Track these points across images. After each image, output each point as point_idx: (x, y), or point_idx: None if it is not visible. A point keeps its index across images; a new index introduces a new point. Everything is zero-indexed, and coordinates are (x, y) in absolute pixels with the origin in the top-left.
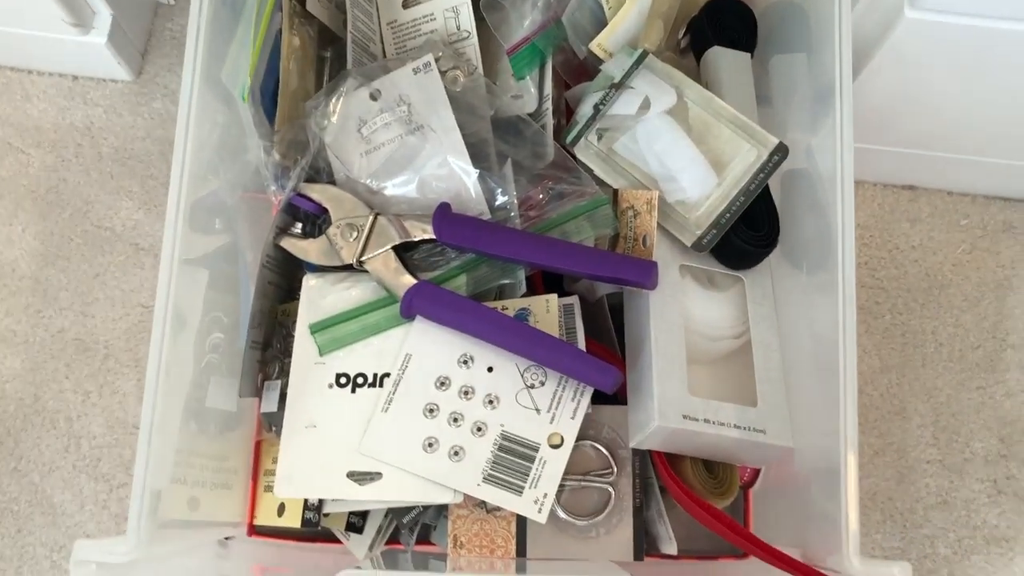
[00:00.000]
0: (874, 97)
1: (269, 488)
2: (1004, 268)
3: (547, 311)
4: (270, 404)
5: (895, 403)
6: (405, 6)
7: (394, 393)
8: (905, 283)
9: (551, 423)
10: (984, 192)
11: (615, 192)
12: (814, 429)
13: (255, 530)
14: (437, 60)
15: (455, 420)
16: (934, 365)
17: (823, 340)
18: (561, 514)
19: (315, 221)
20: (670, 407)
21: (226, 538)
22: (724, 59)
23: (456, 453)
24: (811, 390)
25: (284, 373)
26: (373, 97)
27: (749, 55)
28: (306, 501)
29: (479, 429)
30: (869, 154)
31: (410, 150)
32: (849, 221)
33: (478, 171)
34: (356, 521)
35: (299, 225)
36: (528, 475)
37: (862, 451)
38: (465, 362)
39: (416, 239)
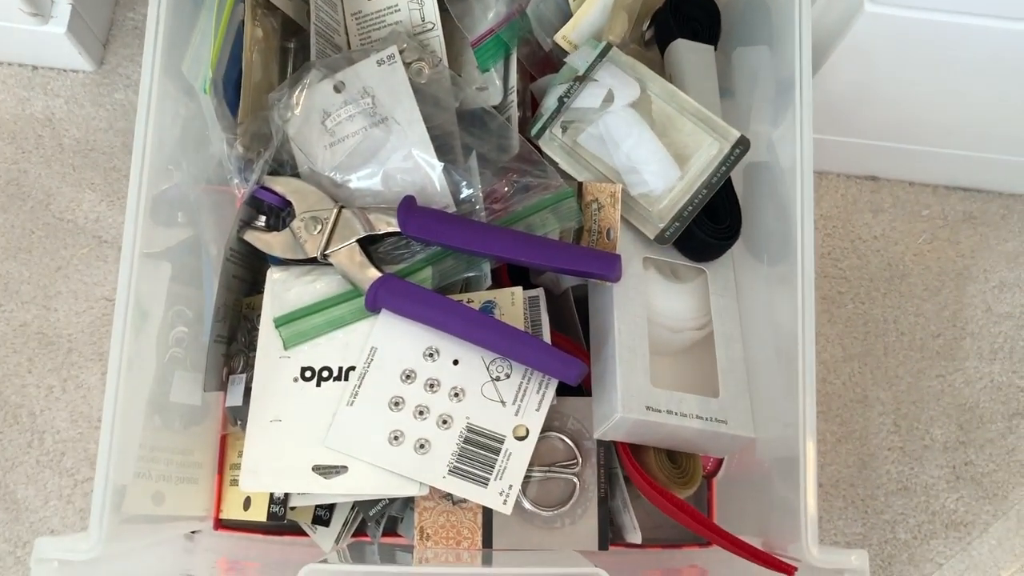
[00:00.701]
0: (836, 89)
1: (235, 482)
2: (964, 258)
3: (512, 304)
4: (235, 398)
5: (857, 391)
6: None
7: (359, 386)
8: (867, 273)
9: (516, 415)
10: (945, 183)
11: (579, 185)
12: (775, 419)
13: (221, 524)
14: (401, 52)
15: (421, 413)
16: (895, 354)
17: (784, 331)
18: (527, 505)
19: (279, 214)
20: (633, 399)
21: (192, 532)
22: (687, 51)
23: (422, 446)
24: (773, 380)
25: (249, 367)
26: (337, 89)
27: (712, 48)
28: (272, 495)
29: (445, 422)
30: (832, 145)
31: (374, 143)
32: (808, 212)
33: (443, 164)
34: (323, 514)
35: (263, 218)
36: (493, 467)
37: (824, 439)
38: (431, 355)
39: (381, 232)
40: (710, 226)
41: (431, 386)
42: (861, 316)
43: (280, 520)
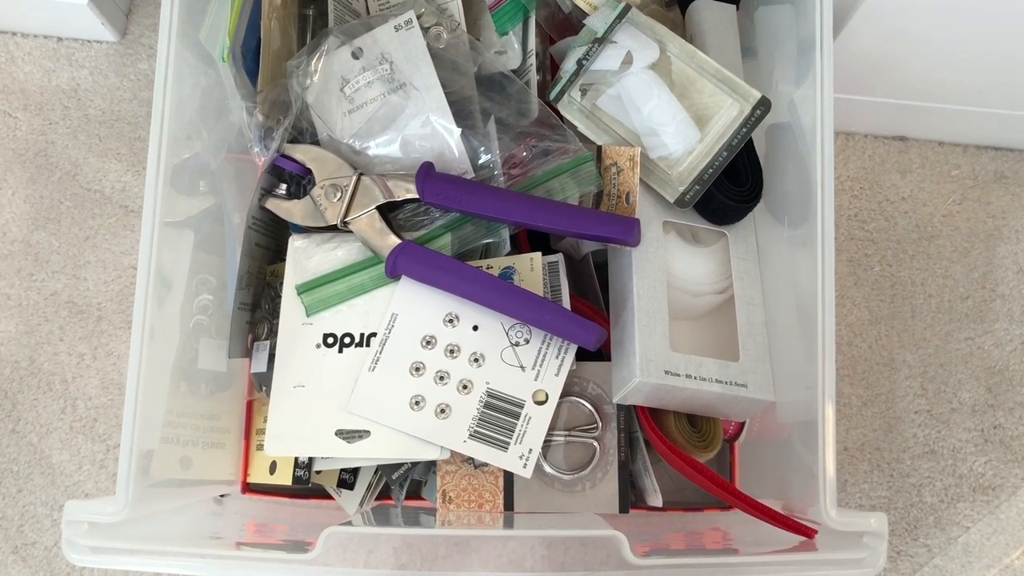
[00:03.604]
0: (862, 48)
1: (261, 447)
2: (995, 218)
3: (531, 269)
4: (260, 364)
5: (884, 354)
6: None
7: (381, 352)
8: (895, 234)
9: (536, 380)
10: (975, 142)
11: (599, 149)
12: (796, 382)
13: (249, 487)
14: (420, 16)
15: (441, 378)
16: (923, 316)
17: (805, 294)
18: (547, 469)
19: (300, 182)
20: (652, 363)
21: (221, 496)
22: (709, 11)
23: (442, 411)
24: (793, 344)
25: (273, 334)
26: (355, 56)
27: (734, 7)
28: (296, 459)
29: (465, 387)
30: (859, 105)
31: (393, 109)
32: (828, 174)
33: (460, 130)
34: (347, 478)
35: (284, 186)
36: (513, 431)
37: (850, 402)
38: (450, 321)
39: (400, 199)
40: (731, 189)
41: (451, 352)
42: (888, 278)
43: (305, 484)
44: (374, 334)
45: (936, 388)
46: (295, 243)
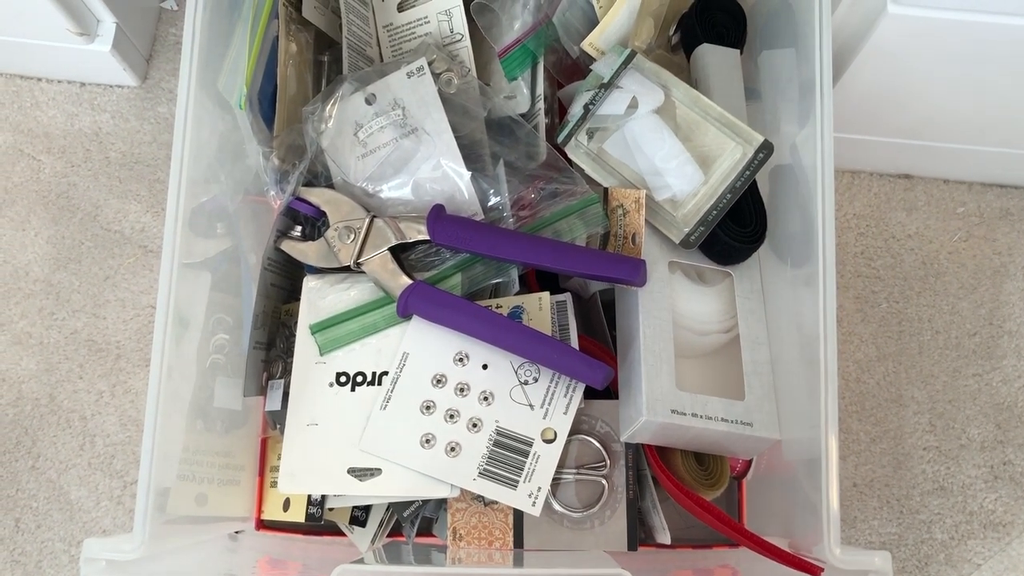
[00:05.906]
0: (865, 89)
1: (275, 484)
2: (1000, 255)
3: (540, 309)
4: (274, 403)
5: (892, 391)
6: (400, 9)
7: (392, 391)
8: (901, 272)
9: (544, 418)
10: (980, 180)
11: (605, 191)
12: (801, 420)
13: (263, 524)
14: (431, 63)
15: (451, 417)
16: (930, 353)
17: (809, 332)
18: (556, 506)
19: (314, 224)
20: (658, 402)
21: (236, 532)
22: (713, 56)
23: (452, 449)
24: (798, 382)
25: (287, 372)
26: (368, 101)
27: (738, 52)
28: (309, 496)
29: (475, 425)
30: (864, 144)
31: (405, 153)
32: (829, 213)
33: (470, 173)
34: (359, 515)
35: (299, 228)
36: (523, 469)
37: (858, 439)
38: (460, 360)
39: (412, 240)
40: (735, 230)
41: (461, 390)
42: (895, 315)
43: (318, 521)
44: (386, 373)
45: (945, 424)
46: (309, 283)
